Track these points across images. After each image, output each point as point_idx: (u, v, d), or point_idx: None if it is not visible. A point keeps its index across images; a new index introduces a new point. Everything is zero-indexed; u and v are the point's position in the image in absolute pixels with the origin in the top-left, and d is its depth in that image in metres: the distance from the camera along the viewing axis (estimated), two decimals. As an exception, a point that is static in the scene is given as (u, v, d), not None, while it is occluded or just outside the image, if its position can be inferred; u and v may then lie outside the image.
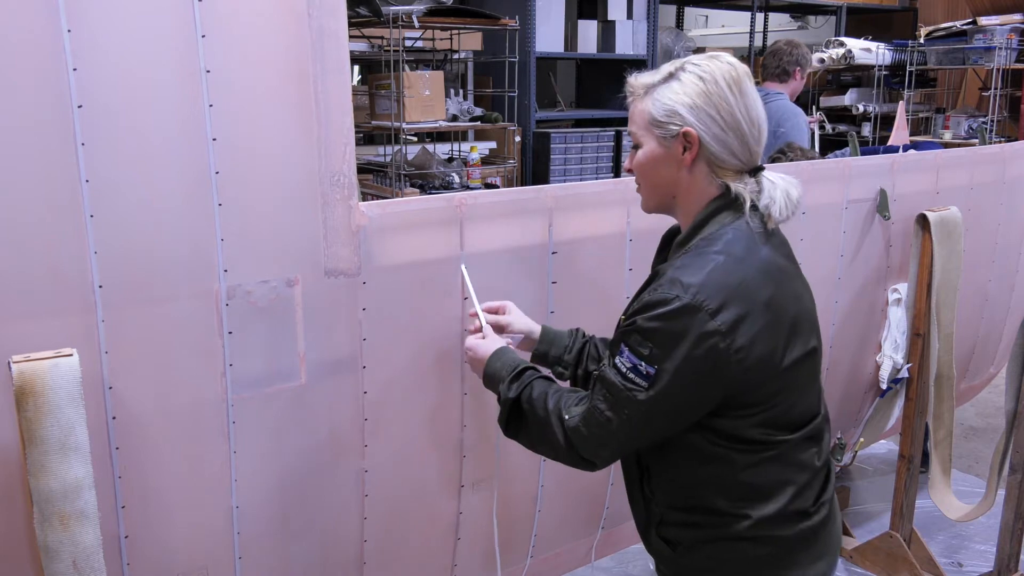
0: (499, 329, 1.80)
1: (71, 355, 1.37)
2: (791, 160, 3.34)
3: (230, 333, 1.61)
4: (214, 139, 1.52)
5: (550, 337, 1.82)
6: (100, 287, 1.46)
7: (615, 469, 2.34)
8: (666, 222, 1.65)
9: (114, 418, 1.53)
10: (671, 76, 1.48)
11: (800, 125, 3.82)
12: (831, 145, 6.40)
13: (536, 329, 1.83)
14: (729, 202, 1.49)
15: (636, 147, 1.54)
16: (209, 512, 1.69)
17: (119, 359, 1.51)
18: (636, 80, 1.53)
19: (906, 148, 3.23)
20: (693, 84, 1.46)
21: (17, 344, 1.38)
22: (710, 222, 1.49)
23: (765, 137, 1.50)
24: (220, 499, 1.69)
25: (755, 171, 1.50)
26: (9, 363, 1.34)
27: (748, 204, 1.47)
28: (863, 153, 3.39)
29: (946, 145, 6.02)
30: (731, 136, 1.46)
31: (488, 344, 1.71)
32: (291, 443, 1.75)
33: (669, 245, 1.64)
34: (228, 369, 1.62)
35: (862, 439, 3.11)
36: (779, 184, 1.50)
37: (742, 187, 1.48)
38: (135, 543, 1.61)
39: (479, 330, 1.77)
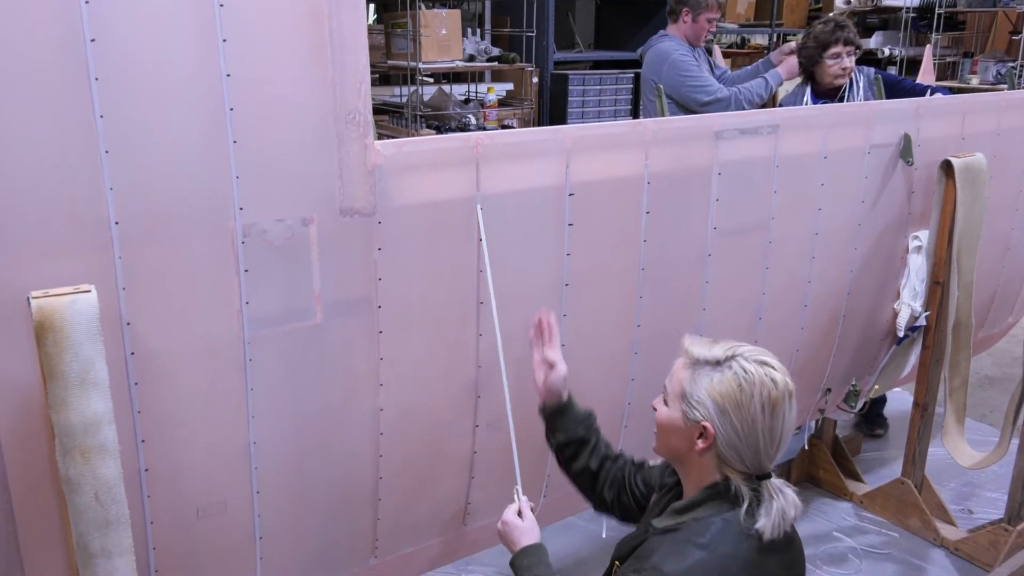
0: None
1: (89, 291, 1.38)
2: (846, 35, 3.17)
3: (246, 271, 1.61)
4: (228, 75, 1.50)
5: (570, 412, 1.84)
6: (116, 223, 1.46)
7: (620, 408, 2.36)
8: (682, 169, 1.61)
9: (133, 354, 1.54)
10: (719, 364, 1.48)
11: (675, 68, 3.58)
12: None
13: (564, 392, 1.84)
14: (725, 492, 1.48)
15: (665, 400, 1.55)
16: (227, 447, 1.71)
17: (136, 296, 1.52)
18: (691, 346, 1.53)
19: (933, 92, 3.15)
20: (730, 387, 1.45)
21: (36, 281, 1.39)
22: (704, 504, 1.49)
23: (784, 449, 1.50)
24: (237, 435, 1.71)
25: (762, 476, 1.49)
26: (28, 299, 1.35)
27: (746, 503, 1.46)
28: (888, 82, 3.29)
29: (973, 90, 5.88)
30: (745, 447, 1.46)
31: (523, 533, 1.69)
32: (307, 381, 1.76)
33: (668, 492, 1.64)
34: (244, 307, 1.63)
35: (877, 386, 3.11)
36: (777, 502, 1.46)
37: (743, 485, 1.48)
38: (155, 476, 1.64)
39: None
